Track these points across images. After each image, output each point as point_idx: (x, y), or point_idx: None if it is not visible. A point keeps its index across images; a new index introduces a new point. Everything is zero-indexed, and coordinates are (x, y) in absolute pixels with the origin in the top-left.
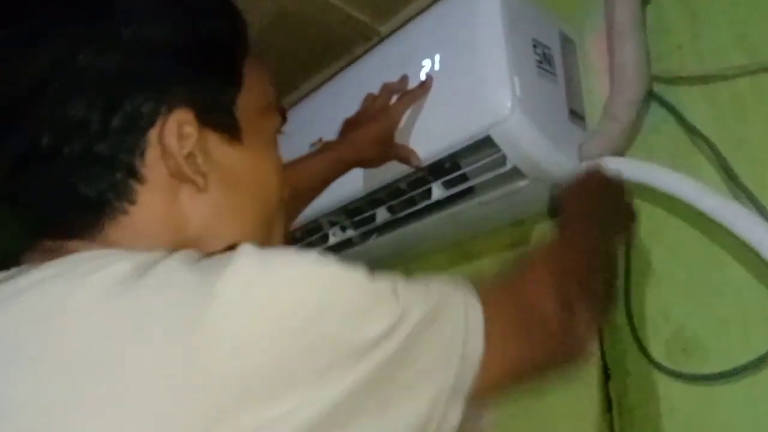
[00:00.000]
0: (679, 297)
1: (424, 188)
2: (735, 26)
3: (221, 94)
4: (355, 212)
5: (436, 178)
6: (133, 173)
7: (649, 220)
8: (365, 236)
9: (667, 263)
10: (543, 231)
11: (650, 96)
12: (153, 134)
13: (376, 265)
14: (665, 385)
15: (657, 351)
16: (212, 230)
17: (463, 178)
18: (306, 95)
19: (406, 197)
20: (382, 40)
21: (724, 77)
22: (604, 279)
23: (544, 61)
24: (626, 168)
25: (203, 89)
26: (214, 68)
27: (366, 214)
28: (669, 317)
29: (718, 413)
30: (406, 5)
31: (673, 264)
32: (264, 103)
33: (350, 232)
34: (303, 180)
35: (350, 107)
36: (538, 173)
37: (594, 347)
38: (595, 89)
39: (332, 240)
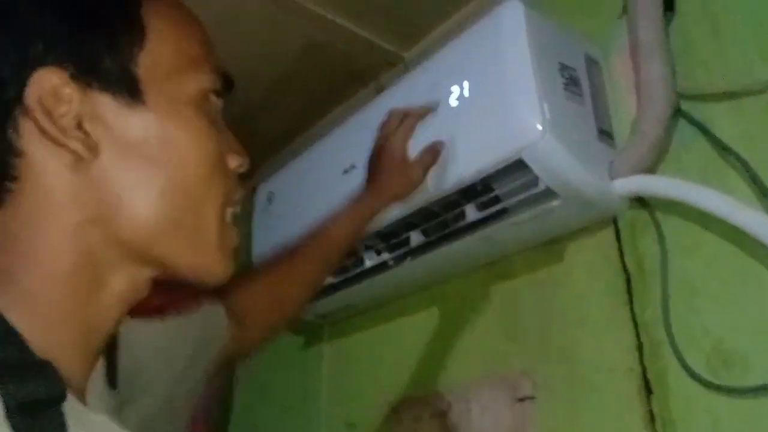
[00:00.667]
0: (716, 310)
1: (458, 210)
2: (760, 40)
3: (110, 49)
4: (389, 236)
5: (469, 201)
6: (8, 147)
7: (684, 236)
8: (400, 259)
9: (704, 277)
10: (577, 249)
11: (678, 113)
12: (29, 100)
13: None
14: (707, 399)
15: (697, 365)
16: (119, 210)
17: (496, 199)
18: (333, 123)
19: (439, 220)
20: (407, 66)
21: (750, 92)
22: None
23: (571, 83)
24: (659, 185)
25: (83, 44)
26: (97, 18)
27: (400, 238)
28: (708, 331)
29: (760, 424)
30: (430, 31)
31: (709, 278)
32: (182, 60)
33: (385, 256)
34: (339, 241)
35: None
36: (570, 192)
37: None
38: (623, 108)
39: (367, 264)
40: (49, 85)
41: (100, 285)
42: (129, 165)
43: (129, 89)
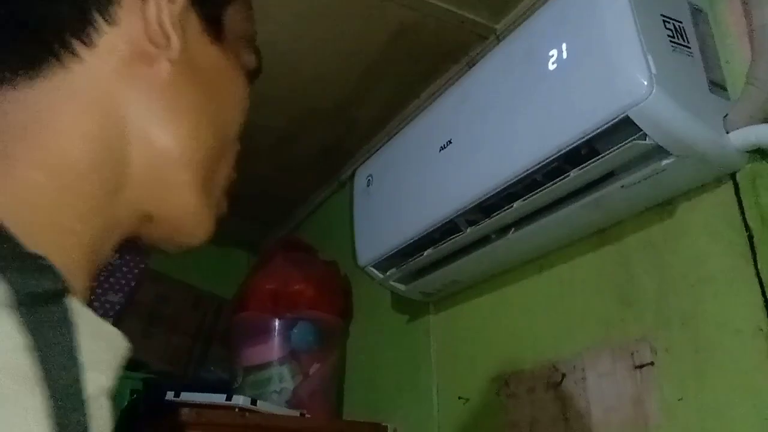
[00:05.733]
0: None
1: (562, 177)
2: None
3: None
4: (490, 208)
5: (573, 166)
6: (106, 10)
7: None
8: (503, 231)
9: None
10: (692, 208)
11: None
12: None
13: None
14: None
15: None
16: (148, 128)
17: (603, 162)
18: (427, 102)
19: (542, 188)
20: (498, 38)
21: None
22: None
23: (676, 35)
24: None
25: None
26: None
27: (502, 209)
28: None
29: None
30: (520, 1)
31: None
32: (247, 33)
33: (487, 229)
34: None
35: (477, 109)
36: (683, 149)
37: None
38: (734, 57)
39: (470, 237)
40: None
41: (116, 191)
42: (185, 89)
43: (216, 24)
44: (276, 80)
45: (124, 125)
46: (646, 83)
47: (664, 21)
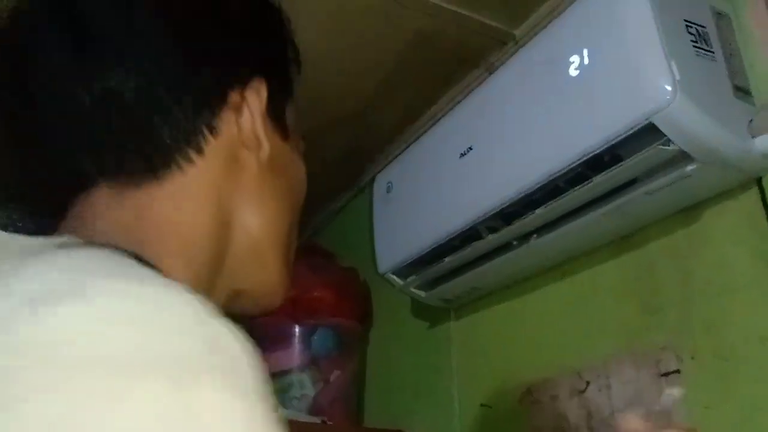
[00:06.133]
0: None
1: (584, 183)
2: None
3: (281, 90)
4: (512, 215)
5: (595, 172)
6: (210, 124)
7: None
8: (525, 238)
9: None
10: (717, 214)
11: None
12: (233, 94)
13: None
14: None
15: None
16: (241, 216)
17: (626, 168)
18: (445, 107)
19: (565, 195)
20: (517, 42)
21: None
22: None
23: (700, 40)
24: None
25: (276, 81)
26: (284, 68)
27: (524, 216)
28: None
29: None
30: (540, 5)
31: None
32: (297, 125)
33: (509, 235)
34: None
35: (497, 115)
36: (707, 155)
37: None
38: (759, 62)
39: (491, 244)
40: (263, 93)
41: (216, 274)
42: (269, 180)
43: (282, 123)
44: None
45: (229, 217)
46: (669, 89)
47: (687, 26)
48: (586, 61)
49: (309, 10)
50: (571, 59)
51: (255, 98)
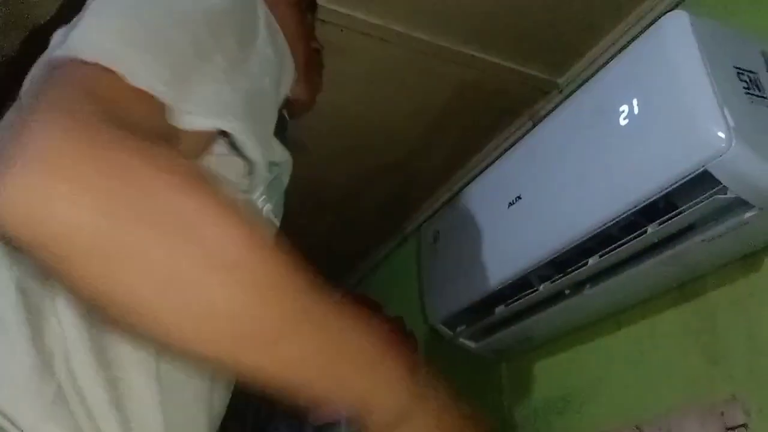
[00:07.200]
0: None
1: (639, 231)
2: None
3: None
4: (564, 264)
5: (650, 220)
6: None
7: None
8: (578, 287)
9: None
10: None
11: None
12: None
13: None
14: None
15: None
16: None
17: (682, 216)
18: (490, 156)
19: (619, 244)
20: (561, 91)
21: None
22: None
23: (752, 85)
24: None
25: None
26: None
27: (577, 265)
28: None
29: None
30: (582, 55)
31: None
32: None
33: (562, 285)
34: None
35: (546, 164)
36: (765, 201)
37: None
38: None
39: (543, 294)
40: None
41: None
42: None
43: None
44: (342, 137)
45: None
46: (724, 136)
47: (738, 73)
48: (636, 110)
49: (357, 64)
50: (621, 108)
51: None
